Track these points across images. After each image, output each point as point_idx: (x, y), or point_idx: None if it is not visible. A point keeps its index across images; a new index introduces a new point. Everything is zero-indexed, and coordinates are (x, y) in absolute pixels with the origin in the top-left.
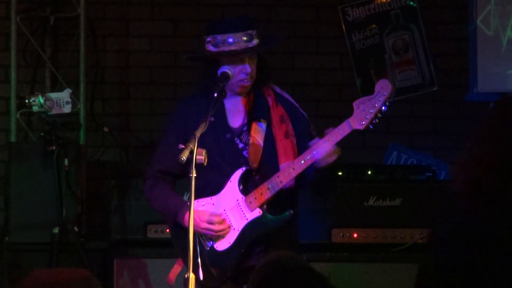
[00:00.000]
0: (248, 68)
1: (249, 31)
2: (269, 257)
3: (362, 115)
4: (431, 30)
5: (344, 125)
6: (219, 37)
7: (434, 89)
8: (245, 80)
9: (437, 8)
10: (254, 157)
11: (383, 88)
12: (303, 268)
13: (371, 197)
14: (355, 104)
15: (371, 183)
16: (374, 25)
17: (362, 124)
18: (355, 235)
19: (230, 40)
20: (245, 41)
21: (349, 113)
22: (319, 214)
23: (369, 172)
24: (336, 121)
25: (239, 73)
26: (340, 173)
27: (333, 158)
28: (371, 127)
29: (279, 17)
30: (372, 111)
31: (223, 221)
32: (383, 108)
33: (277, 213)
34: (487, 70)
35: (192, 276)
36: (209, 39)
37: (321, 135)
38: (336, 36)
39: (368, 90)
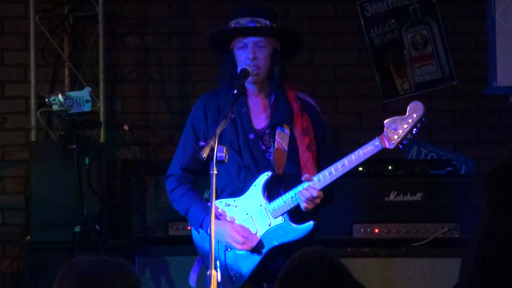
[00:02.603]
0: (250, 53)
1: (259, 19)
2: (299, 252)
3: (392, 135)
4: (450, 24)
5: (374, 143)
6: (231, 22)
7: (454, 83)
8: (250, 67)
9: (455, 2)
10: (279, 162)
11: (416, 109)
12: (331, 264)
13: (392, 192)
14: (386, 123)
15: (392, 178)
16: (392, 20)
17: (392, 144)
18: (376, 231)
19: (237, 24)
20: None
21: (368, 108)
22: (340, 209)
23: (390, 167)
24: (355, 116)
25: (245, 60)
26: (360, 169)
27: (315, 202)
28: (401, 147)
29: (297, 13)
30: (402, 132)
31: (246, 242)
32: (414, 129)
33: (299, 222)
34: (506, 64)
35: (214, 273)
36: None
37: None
38: (354, 31)
39: (387, 85)
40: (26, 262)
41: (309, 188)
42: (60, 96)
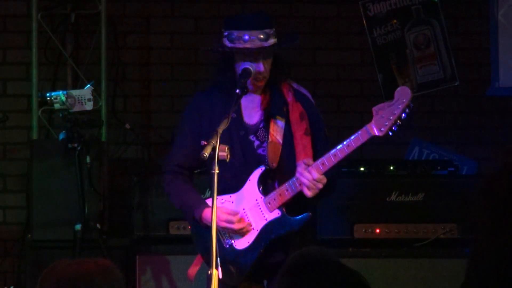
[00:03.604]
0: (261, 67)
1: (266, 30)
2: (299, 251)
3: (381, 121)
4: (452, 25)
5: (363, 131)
6: (235, 33)
7: (456, 84)
8: (258, 79)
9: (458, 3)
10: (273, 155)
11: (403, 95)
12: (334, 262)
13: (393, 192)
14: (374, 110)
15: (393, 179)
16: (395, 20)
17: (382, 130)
18: (377, 231)
19: (246, 37)
20: (261, 40)
21: (370, 108)
22: (341, 209)
23: (391, 168)
24: (357, 116)
25: (254, 72)
26: (362, 169)
27: (318, 186)
28: (391, 134)
29: (300, 13)
30: (391, 117)
31: (241, 220)
32: (403, 115)
33: (296, 215)
34: (508, 65)
35: (215, 272)
36: (226, 33)
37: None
38: (357, 31)
39: (389, 85)
40: (27, 260)
41: (310, 170)
42: (62, 94)
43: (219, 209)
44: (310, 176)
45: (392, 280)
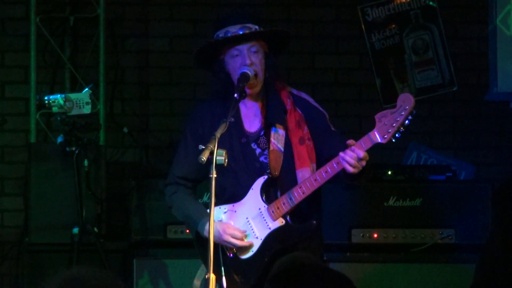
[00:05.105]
0: (246, 59)
1: (249, 25)
2: (286, 257)
3: (384, 129)
4: (451, 30)
5: (366, 139)
6: (219, 32)
7: (454, 89)
8: (250, 71)
9: (456, 8)
10: (275, 164)
11: (405, 102)
12: (322, 268)
13: (391, 197)
14: (377, 117)
15: (391, 183)
16: (393, 25)
17: (385, 138)
18: (375, 236)
19: (229, 34)
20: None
21: (368, 113)
22: (338, 214)
23: (389, 172)
24: (356, 121)
25: (240, 67)
26: None
27: (362, 164)
28: (394, 141)
29: (298, 17)
30: (394, 125)
31: (245, 237)
32: (406, 122)
33: (300, 223)
34: (506, 70)
35: (212, 276)
36: (214, 36)
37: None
38: (355, 36)
39: (387, 90)
40: (25, 263)
41: (353, 149)
42: (60, 98)
43: (225, 224)
44: (354, 155)
45: (390, 285)
